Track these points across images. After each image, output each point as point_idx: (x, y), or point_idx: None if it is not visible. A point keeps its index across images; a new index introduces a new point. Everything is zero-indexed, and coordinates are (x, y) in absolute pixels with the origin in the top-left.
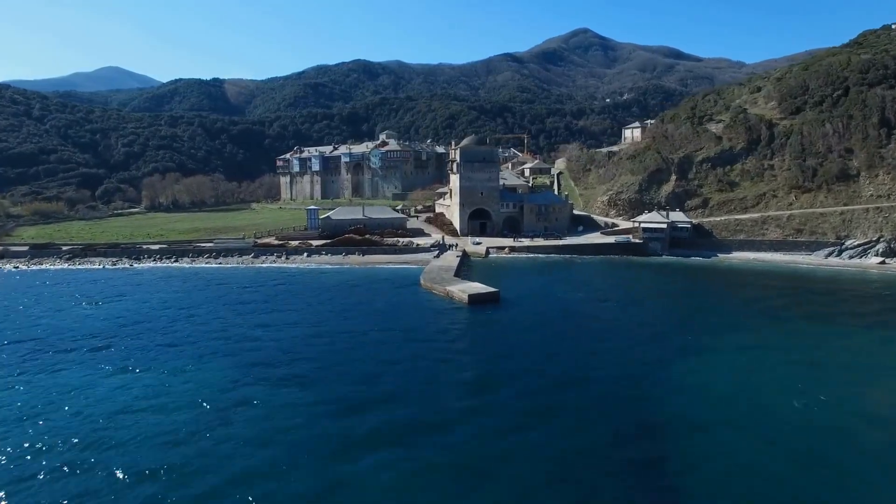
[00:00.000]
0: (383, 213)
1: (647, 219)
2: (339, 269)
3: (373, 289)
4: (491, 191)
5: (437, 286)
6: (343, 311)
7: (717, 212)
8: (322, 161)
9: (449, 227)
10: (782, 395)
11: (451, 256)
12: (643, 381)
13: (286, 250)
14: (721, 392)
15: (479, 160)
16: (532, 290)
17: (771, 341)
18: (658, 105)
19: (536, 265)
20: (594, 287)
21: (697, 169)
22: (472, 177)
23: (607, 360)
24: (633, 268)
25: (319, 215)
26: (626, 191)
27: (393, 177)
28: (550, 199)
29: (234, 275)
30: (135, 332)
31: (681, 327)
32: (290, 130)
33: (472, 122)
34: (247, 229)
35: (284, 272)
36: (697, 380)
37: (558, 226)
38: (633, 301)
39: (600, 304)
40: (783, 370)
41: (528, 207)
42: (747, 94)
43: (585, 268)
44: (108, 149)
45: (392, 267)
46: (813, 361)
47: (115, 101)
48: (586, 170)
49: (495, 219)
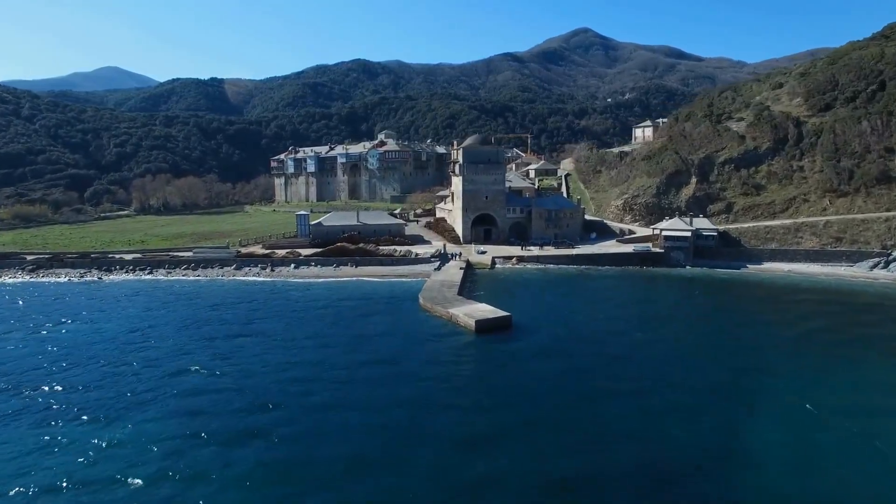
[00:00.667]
0: (379, 218)
1: (668, 226)
2: (329, 283)
3: (365, 309)
4: (496, 194)
5: (439, 307)
6: (327, 339)
7: (743, 217)
8: (318, 162)
9: (450, 234)
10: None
11: (454, 269)
12: (703, 450)
13: (271, 261)
14: (796, 462)
15: (483, 161)
16: (547, 312)
17: (836, 382)
18: (660, 105)
19: (548, 278)
20: (616, 306)
21: (719, 171)
22: (476, 179)
23: (652, 415)
24: (656, 281)
25: (311, 220)
26: (642, 194)
27: (391, 178)
28: (561, 203)
29: (211, 290)
30: (66, 373)
31: (728, 366)
32: (287, 130)
33: (472, 122)
34: (235, 235)
35: (268, 287)
36: (767, 447)
37: (570, 233)
38: (662, 325)
39: (627, 331)
40: (860, 428)
41: (537, 213)
42: (768, 91)
43: (603, 281)
44: (99, 149)
45: (388, 281)
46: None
47: (111, 100)
48: (596, 171)
49: (501, 225)
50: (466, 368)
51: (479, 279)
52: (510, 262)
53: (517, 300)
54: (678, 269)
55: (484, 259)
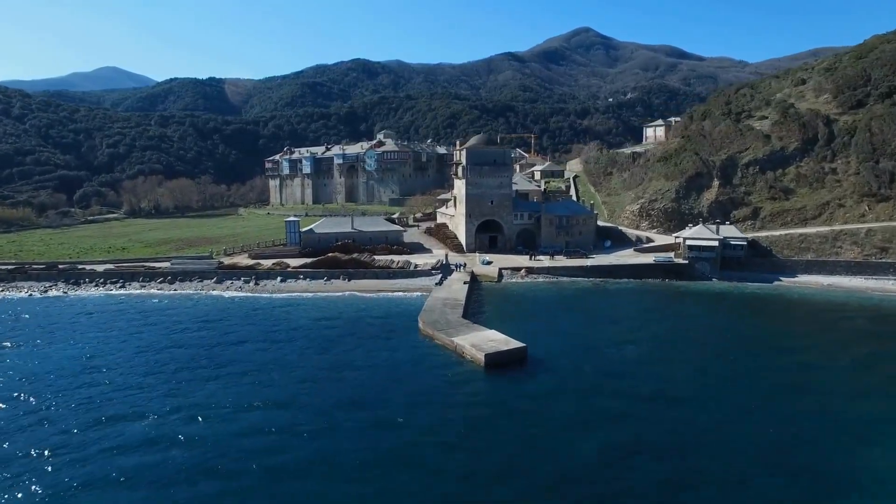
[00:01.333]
0: (375, 224)
1: (693, 234)
2: (318, 299)
3: (356, 333)
4: (502, 199)
5: (441, 335)
6: (307, 373)
7: (771, 224)
8: (313, 163)
9: (453, 242)
10: None
11: (457, 283)
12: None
13: (256, 274)
14: None
15: (488, 163)
16: (565, 339)
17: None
18: (662, 104)
19: (563, 294)
20: (641, 329)
21: (743, 173)
22: (481, 183)
23: (701, 486)
24: (682, 297)
25: (302, 226)
26: (660, 199)
27: (390, 180)
28: (573, 208)
29: (186, 307)
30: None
31: (781, 413)
32: (285, 130)
33: (473, 122)
34: (222, 241)
35: (249, 303)
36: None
37: (582, 241)
38: (698, 354)
39: (659, 364)
40: None
41: (547, 219)
42: (790, 87)
43: (623, 298)
44: (91, 150)
45: (384, 297)
46: None
47: (108, 100)
48: (607, 173)
49: (507, 232)
50: (474, 415)
51: (486, 295)
52: (518, 274)
53: (530, 322)
54: (704, 281)
55: (490, 271)
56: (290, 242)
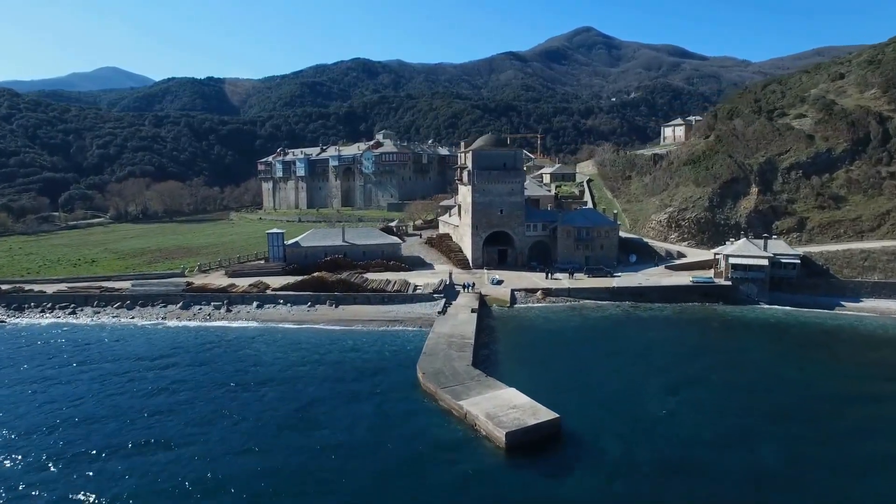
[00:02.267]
0: (370, 237)
1: (737, 251)
2: (299, 333)
3: (337, 388)
4: (513, 208)
5: (447, 394)
6: (266, 453)
7: (820, 237)
8: (308, 165)
9: (457, 256)
10: None
11: (464, 311)
12: None
13: (229, 297)
14: None
15: (497, 167)
16: (605, 396)
17: None
18: (666, 104)
19: (589, 324)
20: (699, 381)
21: (784, 178)
22: (489, 189)
23: None
24: (732, 330)
25: (289, 238)
26: (691, 207)
27: (388, 183)
28: (594, 219)
29: (137, 342)
30: None
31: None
32: (283, 131)
33: (475, 122)
34: (205, 252)
35: (215, 336)
36: None
37: (604, 256)
38: (787, 424)
39: (741, 442)
40: None
41: (564, 231)
42: (827, 83)
43: (661, 329)
44: (80, 150)
45: (378, 330)
46: None
47: (104, 100)
48: (625, 177)
49: (519, 245)
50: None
51: (498, 327)
52: (534, 296)
53: (555, 369)
54: (751, 306)
55: (501, 293)
56: (272, 257)
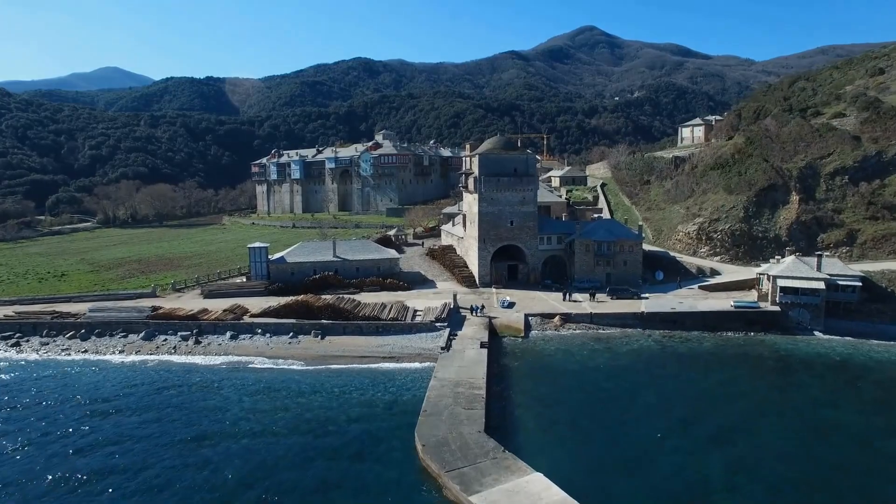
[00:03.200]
0: (364, 251)
1: (785, 270)
2: (275, 373)
3: (313, 461)
4: (525, 219)
5: (454, 483)
6: None
7: (874, 252)
8: (303, 167)
9: (462, 272)
10: None
11: (471, 345)
12: None
13: (199, 325)
14: None
15: (507, 173)
16: (660, 480)
17: None
18: (670, 103)
19: (620, 362)
20: (769, 449)
21: (828, 184)
22: (498, 198)
23: None
24: (790, 370)
25: (272, 253)
26: (724, 217)
27: (387, 187)
28: (615, 231)
29: (84, 383)
30: None
31: None
32: (281, 131)
33: (478, 121)
34: (187, 263)
35: (177, 378)
36: None
37: (628, 273)
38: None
39: None
40: None
41: (582, 245)
42: (865, 78)
43: (705, 369)
44: (72, 152)
45: (370, 370)
46: None
47: (102, 100)
48: (644, 182)
49: (531, 261)
50: None
51: (513, 367)
52: (551, 322)
53: (590, 436)
54: (805, 337)
55: (513, 320)
56: (255, 275)
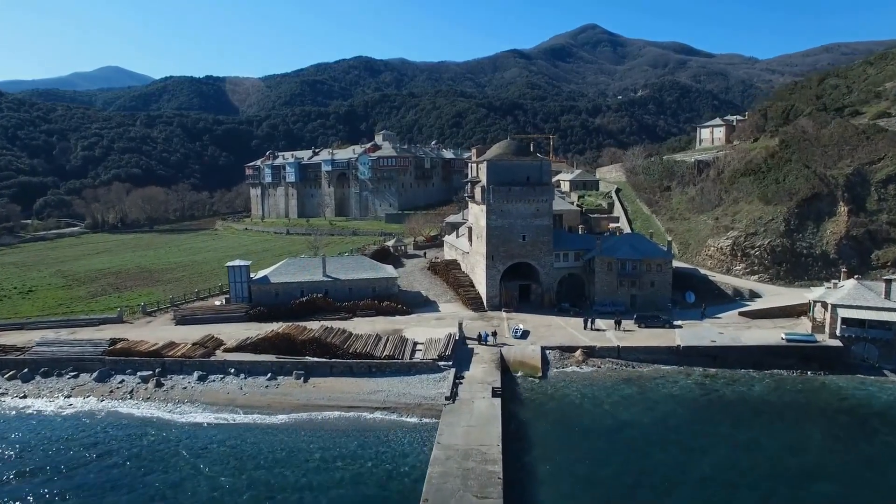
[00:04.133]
0: (357, 269)
1: (847, 298)
2: (247, 431)
3: None
4: (538, 234)
5: None
6: None
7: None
8: (298, 170)
9: (468, 292)
10: None
11: (482, 394)
12: None
13: (163, 364)
14: None
15: (519, 182)
16: None
17: None
18: (674, 102)
19: (658, 414)
20: None
21: (881, 193)
22: (509, 210)
23: None
24: (868, 425)
25: (254, 271)
26: (762, 231)
27: (386, 191)
28: (641, 247)
29: (7, 443)
30: None
31: None
32: (280, 130)
33: (480, 121)
34: (168, 279)
35: (125, 437)
36: None
37: (656, 295)
38: None
39: None
40: None
41: (604, 263)
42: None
43: (764, 424)
44: (64, 152)
45: (359, 421)
46: None
47: (100, 99)
48: (664, 188)
49: (545, 280)
50: None
51: (531, 424)
52: (572, 357)
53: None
54: (874, 378)
55: (529, 355)
56: (234, 297)
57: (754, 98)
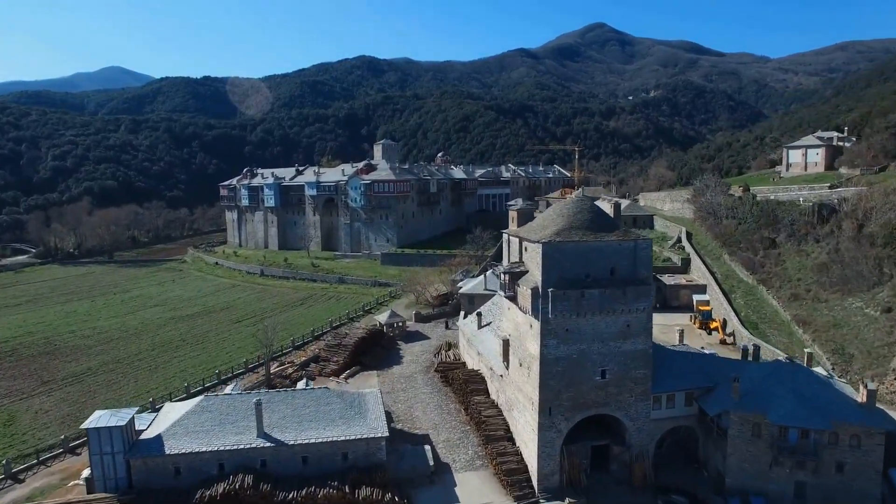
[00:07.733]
0: (318, 420)
1: None
2: None
3: None
4: (629, 365)
5: None
6: None
7: None
8: (279, 192)
9: (506, 461)
10: None
11: None
12: None
13: None
14: None
15: (599, 277)
16: None
17: None
18: (689, 103)
19: None
20: None
21: None
22: (579, 329)
23: None
24: None
25: (140, 424)
26: None
27: (383, 223)
28: (818, 398)
29: None
30: None
31: None
32: (276, 136)
33: (489, 125)
34: (63, 376)
35: None
36: None
37: (848, 486)
38: None
39: None
40: None
41: (745, 423)
42: None
43: None
44: (32, 163)
45: None
46: None
47: (93, 102)
48: (768, 242)
49: (636, 439)
50: None
51: None
52: None
53: None
54: None
55: None
56: (100, 478)
57: (767, 99)
